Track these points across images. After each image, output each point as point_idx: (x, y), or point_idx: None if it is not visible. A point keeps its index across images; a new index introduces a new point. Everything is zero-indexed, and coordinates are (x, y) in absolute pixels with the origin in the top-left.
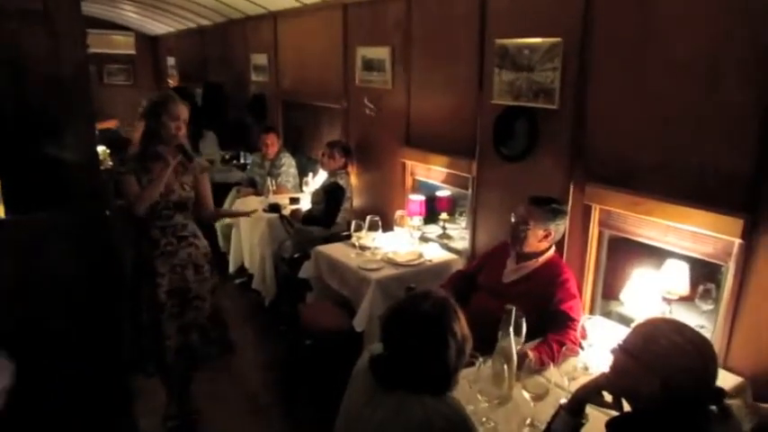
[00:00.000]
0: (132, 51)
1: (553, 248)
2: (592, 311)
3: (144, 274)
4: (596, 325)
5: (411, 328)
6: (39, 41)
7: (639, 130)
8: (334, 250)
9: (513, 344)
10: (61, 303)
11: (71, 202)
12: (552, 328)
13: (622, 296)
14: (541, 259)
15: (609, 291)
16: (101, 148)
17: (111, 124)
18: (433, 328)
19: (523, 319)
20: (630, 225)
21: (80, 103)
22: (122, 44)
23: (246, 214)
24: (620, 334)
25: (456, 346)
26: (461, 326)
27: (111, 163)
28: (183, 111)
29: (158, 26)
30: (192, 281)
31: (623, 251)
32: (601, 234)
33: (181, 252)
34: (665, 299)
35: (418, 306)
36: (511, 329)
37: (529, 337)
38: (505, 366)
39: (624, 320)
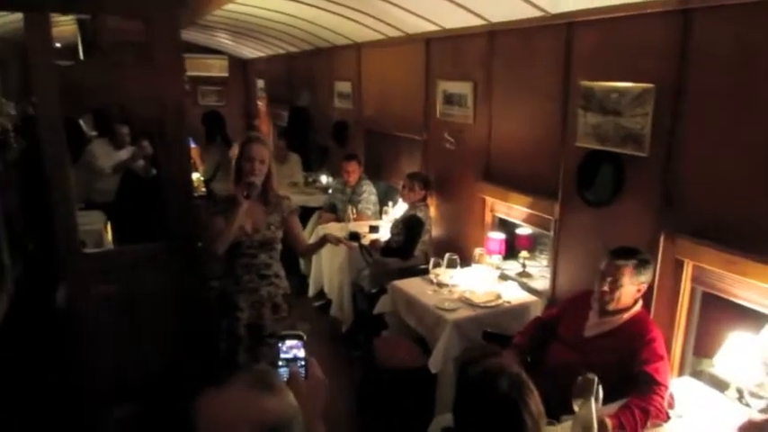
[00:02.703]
0: (225, 74)
1: (639, 303)
2: (681, 371)
3: (225, 307)
4: (686, 390)
5: (487, 410)
6: (142, 81)
7: (737, 184)
8: (412, 286)
9: (594, 413)
10: (148, 325)
11: (167, 234)
12: (635, 391)
13: (716, 359)
14: (627, 315)
15: (700, 347)
16: (195, 176)
17: None
18: (509, 409)
19: (600, 386)
20: (727, 284)
21: (177, 142)
22: (216, 67)
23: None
24: (712, 402)
25: (533, 426)
26: (536, 401)
27: (204, 189)
28: (259, 150)
29: (249, 51)
30: (267, 318)
31: (719, 306)
32: (693, 290)
33: (262, 290)
34: (765, 365)
35: (494, 386)
36: (592, 399)
37: (611, 399)
38: None
39: (717, 384)
